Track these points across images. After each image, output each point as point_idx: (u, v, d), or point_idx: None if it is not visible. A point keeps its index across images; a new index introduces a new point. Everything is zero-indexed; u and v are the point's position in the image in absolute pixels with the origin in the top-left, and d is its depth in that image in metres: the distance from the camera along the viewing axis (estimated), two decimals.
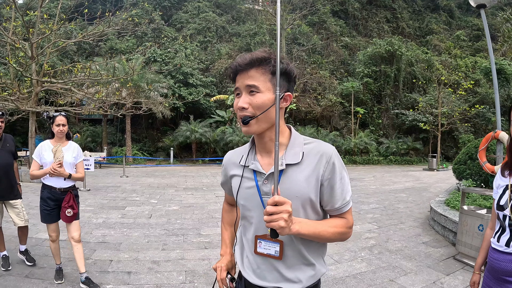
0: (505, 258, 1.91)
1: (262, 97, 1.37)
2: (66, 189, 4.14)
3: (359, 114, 31.31)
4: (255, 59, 1.37)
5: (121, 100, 16.75)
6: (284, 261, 1.42)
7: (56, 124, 4.08)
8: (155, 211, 8.54)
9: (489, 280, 2.04)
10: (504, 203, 1.94)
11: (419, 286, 4.32)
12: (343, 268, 4.88)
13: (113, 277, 4.39)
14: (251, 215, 1.49)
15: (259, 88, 1.37)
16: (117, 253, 5.32)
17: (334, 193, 1.41)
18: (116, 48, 31.41)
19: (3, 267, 4.48)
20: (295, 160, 1.40)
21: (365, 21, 43.31)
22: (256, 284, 1.47)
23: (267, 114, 1.37)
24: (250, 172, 1.49)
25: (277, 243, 1.41)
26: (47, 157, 4.06)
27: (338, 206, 1.43)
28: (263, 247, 1.44)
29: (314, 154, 1.41)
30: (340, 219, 1.46)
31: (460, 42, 41.82)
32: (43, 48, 14.12)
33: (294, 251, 1.42)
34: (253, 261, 1.49)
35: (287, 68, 1.40)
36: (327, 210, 1.47)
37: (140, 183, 13.93)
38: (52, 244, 4.22)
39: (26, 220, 4.75)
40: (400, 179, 17.32)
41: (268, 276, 1.45)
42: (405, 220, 8.11)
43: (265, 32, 35.14)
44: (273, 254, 1.42)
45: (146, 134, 30.43)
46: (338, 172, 1.40)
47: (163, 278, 4.41)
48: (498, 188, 2.04)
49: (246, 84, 1.39)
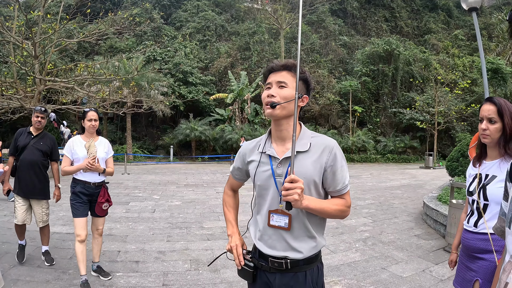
0: (473, 237, 2.19)
1: (288, 91, 1.74)
2: (100, 184, 4.17)
3: (357, 113, 31.59)
4: (288, 64, 1.78)
5: (122, 98, 16.98)
6: (291, 232, 1.73)
7: (88, 119, 4.09)
8: (158, 206, 8.83)
9: (462, 257, 2.33)
10: (473, 189, 2.23)
11: (409, 273, 4.61)
12: (338, 258, 5.18)
13: (122, 265, 4.67)
14: (266, 193, 1.80)
15: (287, 84, 1.74)
16: (124, 244, 5.60)
17: (336, 177, 1.74)
18: (116, 46, 31.59)
19: (18, 258, 4.60)
20: (304, 148, 1.74)
21: (364, 20, 43.51)
22: (267, 254, 1.77)
23: (288, 105, 1.73)
24: (266, 157, 1.82)
25: (286, 216, 1.71)
26: (80, 152, 4.04)
27: (339, 188, 1.76)
28: (275, 220, 1.74)
29: (319, 145, 1.76)
30: (340, 199, 1.78)
31: (458, 41, 42.03)
32: (45, 48, 14.33)
33: (300, 224, 1.73)
34: (265, 233, 1.80)
35: (307, 77, 1.82)
36: (329, 191, 1.79)
37: (141, 180, 14.20)
38: (80, 246, 3.97)
39: (45, 221, 4.69)
40: (396, 177, 17.62)
41: (277, 245, 1.75)
42: (399, 215, 8.41)
43: (264, 31, 35.32)
44: (283, 226, 1.72)
45: (146, 132, 30.66)
46: (339, 161, 1.74)
47: (170, 266, 4.70)
48: (470, 176, 2.33)
49: (277, 80, 1.76)
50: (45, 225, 4.73)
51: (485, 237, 2.12)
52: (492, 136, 2.13)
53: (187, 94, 27.70)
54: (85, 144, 4.07)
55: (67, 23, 14.21)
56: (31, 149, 4.55)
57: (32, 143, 4.58)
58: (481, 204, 2.16)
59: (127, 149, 25.07)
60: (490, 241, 2.09)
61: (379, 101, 33.73)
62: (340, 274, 4.54)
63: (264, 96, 1.78)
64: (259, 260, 1.83)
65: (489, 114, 2.13)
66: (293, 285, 1.74)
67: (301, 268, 1.74)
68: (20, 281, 4.05)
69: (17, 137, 4.65)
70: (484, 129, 2.15)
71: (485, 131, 2.15)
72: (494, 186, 2.10)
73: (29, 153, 4.53)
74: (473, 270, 2.17)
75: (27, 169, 4.51)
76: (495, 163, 2.16)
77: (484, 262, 2.11)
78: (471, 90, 31.51)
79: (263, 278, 1.82)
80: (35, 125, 4.62)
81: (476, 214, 2.20)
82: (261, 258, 1.83)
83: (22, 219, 4.57)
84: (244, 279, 1.89)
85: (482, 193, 2.15)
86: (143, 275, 4.36)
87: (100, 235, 4.29)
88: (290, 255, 1.72)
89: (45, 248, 4.80)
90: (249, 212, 1.99)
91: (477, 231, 2.17)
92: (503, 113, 2.08)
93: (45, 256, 4.71)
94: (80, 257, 3.96)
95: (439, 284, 4.26)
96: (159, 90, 25.40)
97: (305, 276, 1.75)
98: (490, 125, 2.13)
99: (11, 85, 14.15)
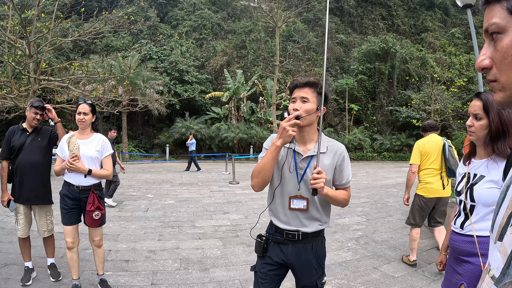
0: (459, 239, 2.12)
1: (310, 105, 2.13)
2: (87, 188, 3.67)
3: (353, 111, 31.61)
4: (310, 82, 2.16)
5: (117, 97, 16.93)
6: (307, 213, 2.19)
7: (77, 112, 3.67)
8: (152, 205, 8.80)
9: (450, 259, 2.26)
10: (461, 189, 2.16)
11: (401, 273, 4.60)
12: (329, 257, 5.14)
13: (112, 265, 4.64)
14: (288, 182, 2.21)
15: (309, 100, 2.13)
16: (115, 243, 5.57)
17: (343, 174, 2.23)
18: (111, 45, 31.46)
19: (22, 280, 3.95)
20: (323, 150, 2.18)
21: (361, 18, 43.45)
22: (283, 228, 2.21)
23: (310, 117, 2.13)
24: (291, 152, 2.22)
25: (304, 200, 2.16)
26: (66, 150, 3.61)
27: (344, 182, 2.25)
28: (295, 204, 2.18)
29: (334, 148, 2.23)
30: (345, 191, 2.27)
31: (455, 39, 42.00)
32: (40, 47, 14.25)
33: (313, 207, 2.19)
34: (283, 213, 2.23)
35: (326, 92, 2.19)
36: (336, 185, 2.27)
37: (136, 179, 14.16)
38: (68, 252, 3.70)
39: (49, 230, 4.20)
40: (392, 175, 17.64)
41: (292, 222, 2.20)
42: (394, 214, 8.40)
43: (260, 29, 35.27)
44: (302, 208, 2.17)
45: (142, 131, 30.59)
46: (346, 161, 2.24)
47: (159, 265, 4.67)
48: (459, 175, 2.25)
49: (301, 96, 2.14)
50: (50, 234, 4.23)
51: (471, 239, 2.05)
52: (477, 133, 2.05)
53: (183, 93, 27.66)
54: (66, 139, 3.65)
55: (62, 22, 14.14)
56: (30, 148, 3.99)
57: (30, 141, 4.02)
58: (468, 205, 2.09)
59: (123, 148, 25.02)
60: (476, 243, 2.02)
61: (375, 99, 33.74)
62: (330, 274, 4.52)
63: (290, 109, 2.16)
64: (274, 235, 2.26)
65: (474, 110, 2.07)
66: (302, 252, 2.20)
67: (309, 240, 2.20)
68: (11, 280, 4.02)
69: (10, 136, 4.03)
70: (469, 125, 2.09)
71: (470, 127, 2.09)
72: (482, 186, 2.02)
73: (28, 153, 3.97)
74: (459, 274, 2.10)
75: (28, 171, 3.97)
76: (483, 162, 2.07)
77: (470, 266, 2.03)
78: (468, 88, 31.53)
79: (276, 250, 2.25)
80: (32, 122, 4.04)
81: (463, 215, 2.13)
82: (277, 233, 2.25)
83: (26, 231, 4.08)
84: (256, 253, 2.31)
85: (469, 194, 2.07)
86: (132, 274, 4.33)
87: (98, 246, 3.85)
88: (302, 229, 2.18)
89: (51, 261, 4.29)
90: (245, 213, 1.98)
91: (463, 233, 2.10)
92: (488, 109, 2.00)
93: (51, 270, 4.21)
94: (71, 263, 3.73)
95: (431, 284, 4.24)
96: (154, 89, 25.34)
97: (312, 246, 2.22)
98: (475, 121, 2.06)
99: (6, 84, 14.06)
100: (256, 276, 2.33)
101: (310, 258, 2.20)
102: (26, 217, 4.08)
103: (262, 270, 2.29)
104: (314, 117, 2.16)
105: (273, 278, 2.27)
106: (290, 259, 2.20)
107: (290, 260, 2.20)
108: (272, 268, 2.26)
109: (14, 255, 4.76)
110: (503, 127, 1.98)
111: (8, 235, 5.73)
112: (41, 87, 14.48)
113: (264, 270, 2.28)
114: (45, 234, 4.17)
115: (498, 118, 1.98)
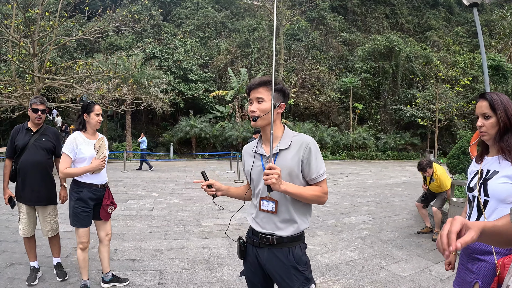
0: None
1: (265, 105, 2.12)
2: (106, 185, 3.81)
3: (357, 110, 31.54)
4: (263, 81, 2.14)
5: (121, 96, 16.94)
6: (278, 215, 2.10)
7: (96, 114, 3.66)
8: (157, 204, 8.79)
9: (463, 258, 2.25)
10: (474, 185, 2.15)
11: (408, 273, 4.56)
12: (337, 256, 5.13)
13: (119, 264, 4.63)
14: (258, 185, 2.18)
15: (264, 99, 2.12)
16: (121, 242, 5.56)
17: (310, 167, 2.08)
18: (115, 44, 31.52)
19: (28, 280, 3.91)
20: (285, 146, 2.12)
21: (364, 17, 43.33)
22: (259, 231, 2.15)
23: (267, 116, 2.10)
24: (258, 156, 2.23)
25: (273, 202, 2.09)
26: (86, 151, 3.60)
27: (314, 177, 2.09)
28: (265, 205, 2.12)
29: (298, 142, 2.12)
30: (317, 186, 2.11)
31: (459, 38, 41.84)
32: (44, 46, 14.28)
33: (284, 208, 2.09)
34: (257, 216, 2.19)
35: (282, 87, 2.19)
36: (308, 180, 2.12)
37: (141, 177, 14.16)
38: (82, 253, 3.69)
39: (54, 230, 4.15)
40: (397, 174, 17.57)
41: (267, 226, 2.12)
42: (399, 213, 8.36)
43: (264, 28, 35.22)
44: (271, 210, 2.10)
45: (146, 129, 30.57)
46: (313, 154, 2.09)
47: (166, 264, 4.66)
48: (471, 173, 2.26)
49: (256, 96, 2.13)
50: (54, 234, 4.17)
51: None
52: (489, 131, 2.07)
53: (187, 91, 27.64)
54: (95, 143, 3.70)
55: (66, 21, 14.16)
56: (34, 148, 3.95)
57: (34, 141, 3.97)
58: (481, 200, 2.07)
59: (126, 146, 25.06)
60: None
61: (379, 98, 33.65)
62: (338, 273, 4.49)
63: (249, 111, 2.16)
64: (251, 237, 2.23)
65: (482, 110, 2.09)
66: (278, 258, 2.10)
67: (285, 244, 2.10)
68: (16, 280, 4.01)
69: (14, 136, 3.99)
70: (480, 126, 2.10)
71: (481, 128, 2.10)
72: (496, 181, 2.00)
73: (31, 153, 3.93)
74: (473, 272, 2.09)
75: (31, 171, 3.93)
76: (495, 158, 2.08)
77: (484, 264, 2.02)
78: (472, 87, 31.44)
79: (253, 253, 2.20)
80: (35, 121, 4.00)
81: (476, 211, 2.12)
82: (254, 235, 2.21)
83: (29, 231, 4.03)
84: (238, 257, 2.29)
85: (483, 189, 2.06)
86: (139, 274, 4.32)
87: (109, 241, 3.91)
88: (276, 233, 2.09)
89: (57, 260, 4.23)
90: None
91: None
92: (495, 106, 2.03)
93: (57, 269, 4.16)
94: (83, 264, 3.71)
95: (438, 284, 4.21)
96: (158, 87, 25.35)
97: (289, 252, 2.09)
98: (485, 121, 2.08)
99: (10, 83, 14.10)
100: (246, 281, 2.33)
101: (287, 265, 2.08)
102: (29, 217, 4.04)
103: (247, 274, 2.30)
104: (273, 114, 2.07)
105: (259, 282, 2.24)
106: (266, 264, 2.14)
107: (267, 266, 2.14)
108: (253, 273, 2.24)
109: (20, 255, 4.76)
110: (510, 122, 2.02)
111: (13, 234, 5.74)
112: (45, 85, 14.51)
113: (248, 274, 2.29)
114: (49, 234, 4.13)
115: (505, 114, 2.03)
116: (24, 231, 4.01)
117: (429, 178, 6.50)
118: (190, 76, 29.04)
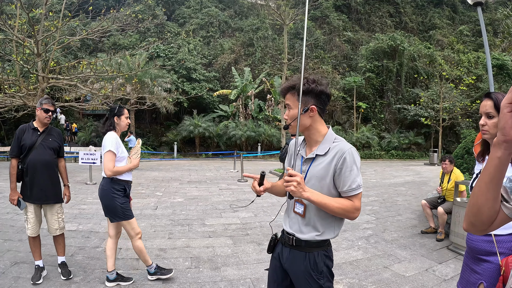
0: (478, 238, 2.12)
1: (293, 112, 2.05)
2: None
3: (361, 109, 31.49)
4: (286, 87, 2.08)
5: (125, 95, 16.99)
6: (304, 219, 2.08)
7: (126, 117, 4.01)
8: (161, 203, 8.81)
9: (467, 259, 2.26)
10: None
11: (412, 273, 4.56)
12: (340, 256, 5.14)
13: (123, 263, 4.65)
14: None
15: (290, 106, 2.07)
16: (125, 241, 5.54)
17: (342, 179, 1.96)
18: (119, 43, 31.62)
19: (32, 279, 3.94)
20: (322, 152, 2.03)
21: (368, 16, 43.25)
22: (286, 230, 2.17)
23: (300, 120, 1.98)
24: (299, 157, 2.18)
25: (302, 205, 2.07)
26: (124, 151, 3.94)
27: (345, 190, 1.96)
28: (297, 207, 2.10)
29: (335, 150, 2.00)
30: (347, 200, 1.98)
31: (463, 37, 41.71)
32: (48, 45, 14.33)
33: (310, 214, 2.06)
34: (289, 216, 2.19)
35: (309, 87, 2.00)
36: (340, 191, 2.01)
37: (145, 176, 14.21)
38: (140, 242, 4.03)
39: (61, 228, 4.23)
40: (400, 173, 17.53)
41: (293, 226, 2.13)
42: (403, 212, 8.35)
43: (268, 26, 35.23)
44: (300, 212, 2.08)
45: (150, 129, 30.71)
46: (348, 165, 1.95)
47: (170, 264, 4.67)
48: (475, 174, 2.28)
49: (286, 103, 2.10)
50: (62, 232, 4.25)
51: (489, 238, 2.06)
52: (491, 131, 2.08)
53: (190, 91, 27.69)
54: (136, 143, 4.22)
55: (70, 21, 14.19)
56: (42, 148, 4.01)
57: (41, 141, 4.03)
58: None
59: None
60: (494, 242, 2.02)
61: (383, 97, 33.58)
62: (341, 273, 4.50)
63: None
64: (282, 235, 2.24)
65: (486, 110, 2.10)
66: (296, 260, 2.09)
67: (303, 248, 2.07)
68: (21, 279, 4.03)
69: (20, 135, 3.99)
70: (482, 124, 2.11)
71: (483, 126, 2.11)
72: None
73: (39, 153, 3.98)
74: (478, 273, 2.10)
75: (40, 171, 3.98)
76: None
77: (489, 265, 2.04)
78: (476, 87, 31.32)
79: (278, 250, 2.24)
80: (44, 120, 4.08)
81: None
82: (283, 234, 2.24)
83: (36, 230, 4.09)
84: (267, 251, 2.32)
85: None
86: (143, 273, 4.33)
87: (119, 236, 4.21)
88: (297, 234, 2.08)
89: (61, 259, 4.26)
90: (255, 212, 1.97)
91: None
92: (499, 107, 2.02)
93: (61, 268, 4.18)
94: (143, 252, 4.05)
95: (442, 284, 4.21)
96: (162, 87, 25.39)
97: (307, 257, 2.05)
98: (488, 120, 2.09)
99: (14, 83, 14.16)
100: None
101: (302, 269, 2.05)
102: (37, 216, 4.08)
103: (269, 270, 2.32)
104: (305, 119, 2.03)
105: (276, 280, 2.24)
106: (286, 263, 2.15)
107: (286, 265, 2.15)
108: (273, 269, 2.27)
109: (24, 254, 4.78)
110: None
111: (17, 233, 5.77)
112: (49, 85, 14.55)
113: (270, 269, 2.31)
114: (57, 232, 4.18)
115: None
116: (32, 230, 4.05)
117: (447, 177, 6.51)
118: (194, 76, 29.09)
